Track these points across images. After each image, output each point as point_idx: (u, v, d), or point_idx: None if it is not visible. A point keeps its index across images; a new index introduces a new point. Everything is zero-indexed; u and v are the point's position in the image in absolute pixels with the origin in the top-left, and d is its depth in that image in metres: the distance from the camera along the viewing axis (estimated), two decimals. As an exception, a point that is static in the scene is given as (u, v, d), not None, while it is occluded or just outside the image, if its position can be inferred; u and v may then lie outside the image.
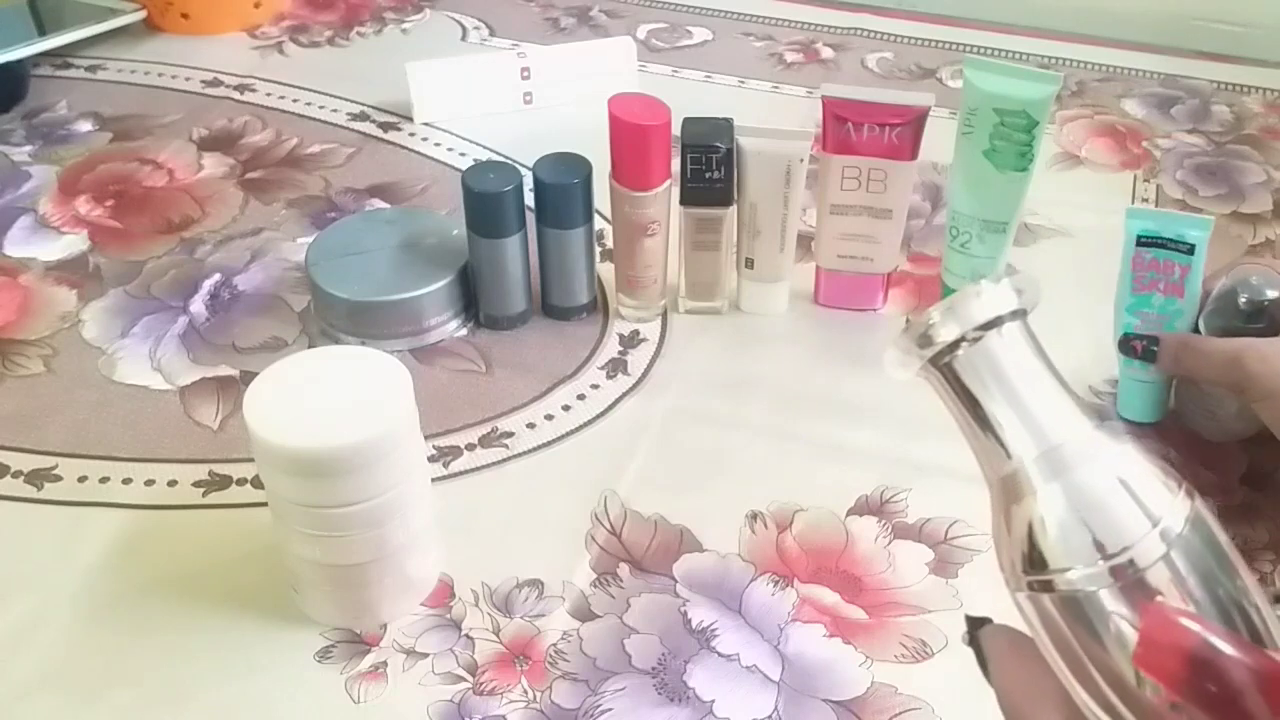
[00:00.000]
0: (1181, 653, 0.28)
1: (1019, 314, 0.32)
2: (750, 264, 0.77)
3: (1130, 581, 0.29)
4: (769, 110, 1.00)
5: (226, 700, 0.56)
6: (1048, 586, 0.31)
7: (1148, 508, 0.30)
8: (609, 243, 0.78)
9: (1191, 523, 0.30)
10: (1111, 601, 0.29)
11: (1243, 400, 0.61)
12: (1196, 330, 0.64)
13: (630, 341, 0.77)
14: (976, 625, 0.35)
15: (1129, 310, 0.66)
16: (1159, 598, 0.29)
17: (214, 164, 0.94)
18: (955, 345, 0.32)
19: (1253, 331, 0.62)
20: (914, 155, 0.72)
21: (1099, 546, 0.30)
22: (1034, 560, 0.31)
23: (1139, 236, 0.65)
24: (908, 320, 0.78)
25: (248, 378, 0.63)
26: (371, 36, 1.12)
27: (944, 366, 0.32)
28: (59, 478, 0.67)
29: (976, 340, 0.32)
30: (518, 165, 0.78)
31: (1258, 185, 0.92)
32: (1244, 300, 0.63)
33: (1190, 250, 0.63)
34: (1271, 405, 0.58)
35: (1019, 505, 0.31)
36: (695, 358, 0.76)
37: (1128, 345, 0.65)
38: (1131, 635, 0.29)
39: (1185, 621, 0.29)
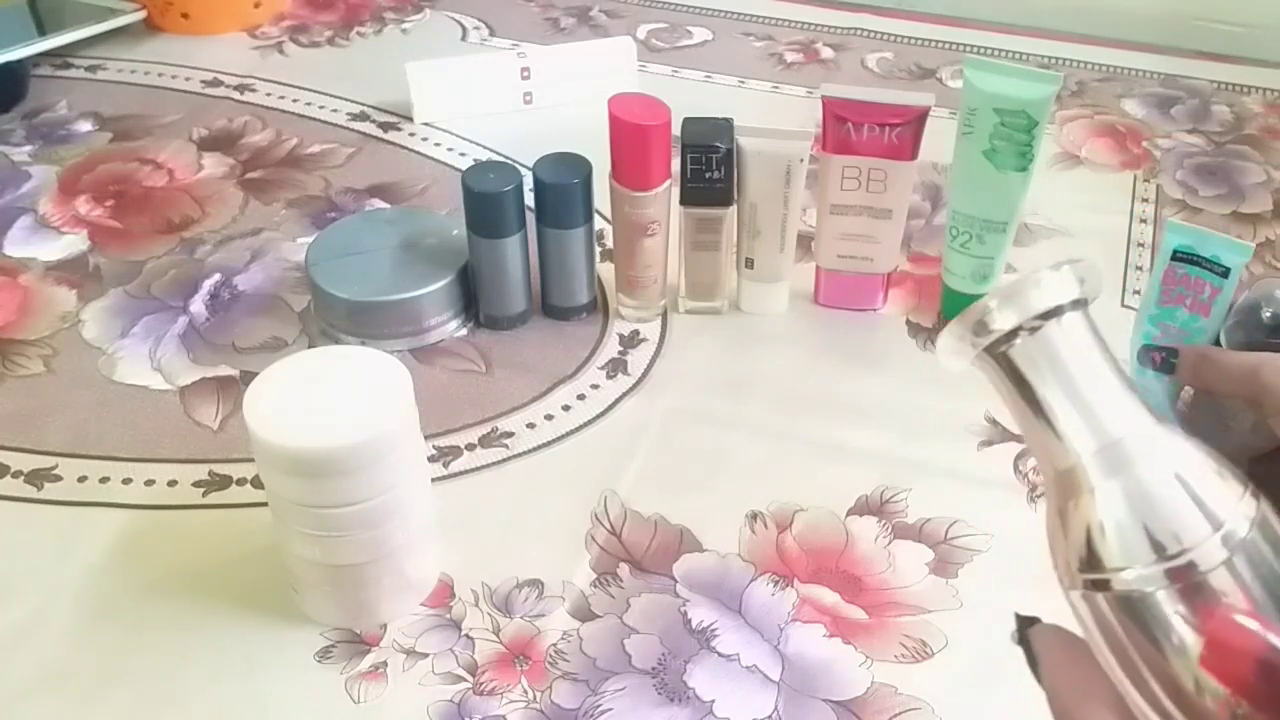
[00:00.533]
0: (1250, 657, 0.27)
1: (1080, 303, 0.31)
2: (750, 264, 0.76)
3: (1189, 584, 0.28)
4: (769, 110, 1.00)
5: (226, 700, 0.56)
6: (1103, 586, 0.30)
7: (1210, 508, 0.29)
8: (609, 243, 0.78)
9: (1258, 525, 0.29)
10: (1169, 603, 0.28)
11: (1259, 414, 0.61)
12: (1217, 343, 0.64)
13: (630, 341, 0.77)
14: (1027, 624, 0.34)
15: (1151, 320, 0.66)
16: (1224, 599, 0.28)
17: (214, 164, 0.94)
18: (1013, 334, 0.31)
19: (1275, 346, 0.62)
20: (914, 155, 0.72)
21: (1158, 547, 0.29)
22: (1090, 558, 0.30)
23: (1175, 251, 0.65)
24: (907, 321, 0.78)
25: (248, 378, 0.63)
26: (371, 36, 1.12)
27: (1000, 356, 0.31)
28: (59, 478, 0.67)
29: (1035, 330, 0.31)
30: (518, 165, 0.78)
31: (1258, 185, 0.92)
32: (1268, 314, 0.63)
33: (1225, 274, 0.63)
34: None
35: (1076, 502, 0.30)
36: (695, 358, 0.76)
37: (1147, 356, 0.65)
38: (1189, 638, 0.28)
39: (1254, 625, 0.28)
